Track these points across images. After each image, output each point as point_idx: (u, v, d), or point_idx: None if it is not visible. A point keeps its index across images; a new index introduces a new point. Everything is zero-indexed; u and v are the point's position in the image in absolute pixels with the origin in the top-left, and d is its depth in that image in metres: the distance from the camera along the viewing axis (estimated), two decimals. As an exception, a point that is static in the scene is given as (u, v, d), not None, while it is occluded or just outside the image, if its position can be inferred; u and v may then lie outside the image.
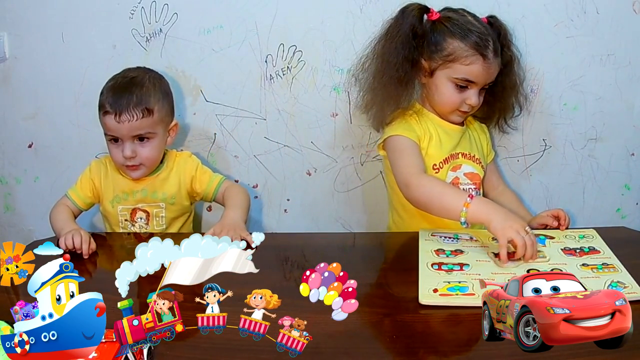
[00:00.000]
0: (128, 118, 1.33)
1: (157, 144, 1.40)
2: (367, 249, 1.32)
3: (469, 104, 1.33)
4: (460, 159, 1.39)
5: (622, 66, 1.52)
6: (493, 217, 1.12)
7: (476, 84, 1.32)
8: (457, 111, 1.36)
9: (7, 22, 1.61)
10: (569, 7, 1.48)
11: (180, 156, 1.49)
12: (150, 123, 1.36)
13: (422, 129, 1.36)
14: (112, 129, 1.36)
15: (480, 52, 1.29)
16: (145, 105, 1.35)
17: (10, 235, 1.77)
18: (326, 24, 1.52)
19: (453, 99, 1.33)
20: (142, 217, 1.45)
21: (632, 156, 1.58)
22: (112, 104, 1.34)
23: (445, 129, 1.39)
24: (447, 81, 1.32)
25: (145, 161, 1.39)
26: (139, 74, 1.41)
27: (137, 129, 1.35)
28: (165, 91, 1.44)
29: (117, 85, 1.38)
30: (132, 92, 1.36)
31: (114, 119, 1.34)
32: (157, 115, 1.37)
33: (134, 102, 1.34)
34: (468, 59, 1.29)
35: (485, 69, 1.30)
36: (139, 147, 1.38)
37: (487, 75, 1.32)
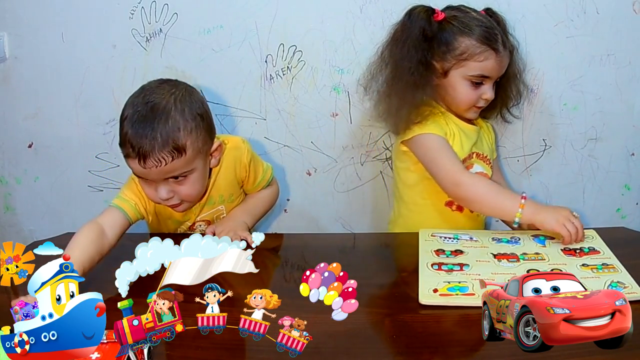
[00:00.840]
0: (155, 163, 1.11)
1: (198, 177, 1.19)
2: (367, 249, 1.32)
3: (485, 98, 1.33)
4: (474, 158, 1.40)
5: (622, 66, 1.52)
6: (544, 215, 1.18)
7: (490, 78, 1.32)
8: (473, 107, 1.36)
9: (7, 22, 1.61)
10: (569, 7, 1.48)
11: (231, 146, 1.29)
12: (183, 163, 1.14)
13: (448, 128, 1.36)
14: (139, 173, 1.15)
15: (492, 47, 1.29)
16: (173, 144, 1.11)
17: (10, 235, 1.77)
18: (326, 24, 1.52)
19: (470, 97, 1.33)
20: (202, 224, 1.32)
21: (632, 156, 1.59)
22: (133, 146, 1.10)
23: (464, 129, 1.38)
24: (462, 80, 1.32)
25: (186, 198, 1.19)
26: (162, 98, 1.15)
27: (169, 172, 1.13)
28: (198, 114, 1.17)
29: (137, 118, 1.12)
30: (155, 129, 1.10)
31: (138, 164, 1.12)
32: (191, 152, 1.14)
33: (159, 144, 1.10)
34: (481, 55, 1.29)
35: (498, 62, 1.31)
36: (176, 186, 1.17)
37: (500, 68, 1.33)
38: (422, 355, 0.87)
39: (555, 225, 1.17)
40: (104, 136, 1.66)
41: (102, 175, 1.69)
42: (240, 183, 1.34)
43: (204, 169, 1.21)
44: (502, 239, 1.20)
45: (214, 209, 1.32)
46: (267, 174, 1.37)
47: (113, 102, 1.63)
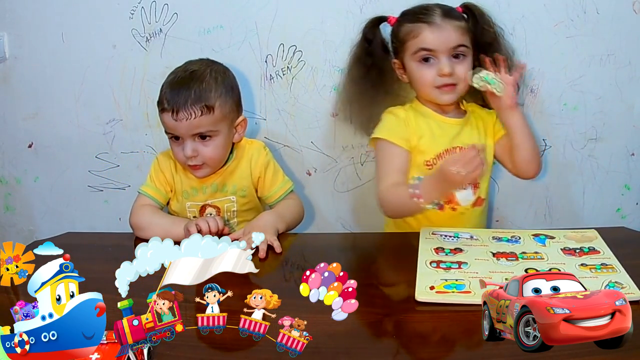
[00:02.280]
0: (186, 116, 1.25)
1: (222, 143, 1.30)
2: (367, 249, 1.32)
3: (443, 73, 1.31)
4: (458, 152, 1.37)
5: (622, 66, 1.52)
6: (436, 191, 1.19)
7: (436, 51, 1.31)
8: (436, 89, 1.33)
9: (7, 22, 1.61)
10: (569, 7, 1.48)
11: (251, 145, 1.39)
12: (211, 121, 1.27)
13: (413, 127, 1.36)
14: (170, 127, 1.28)
15: (423, 20, 1.32)
16: (205, 102, 1.26)
17: (10, 235, 1.77)
18: (326, 24, 1.52)
19: (424, 76, 1.33)
20: (212, 213, 1.37)
21: (632, 156, 1.59)
22: (169, 101, 1.26)
23: (441, 123, 1.37)
24: (411, 62, 1.34)
25: (208, 161, 1.30)
26: (200, 67, 1.32)
27: (197, 127, 1.26)
28: (229, 85, 1.33)
29: (176, 80, 1.29)
30: (190, 88, 1.26)
31: (171, 117, 1.26)
32: (219, 112, 1.28)
33: (192, 99, 1.25)
34: (414, 31, 1.32)
35: (434, 32, 1.30)
36: (201, 146, 1.28)
37: (442, 38, 1.30)
38: (422, 355, 0.87)
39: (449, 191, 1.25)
40: (104, 136, 1.66)
41: (102, 175, 1.69)
42: (255, 183, 1.39)
43: (227, 136, 1.32)
44: (502, 237, 1.20)
45: (225, 197, 1.36)
46: (286, 185, 1.41)
47: (113, 102, 1.63)
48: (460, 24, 1.33)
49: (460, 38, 1.31)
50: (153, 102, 1.62)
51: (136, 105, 1.63)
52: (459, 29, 1.32)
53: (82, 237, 1.44)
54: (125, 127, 1.65)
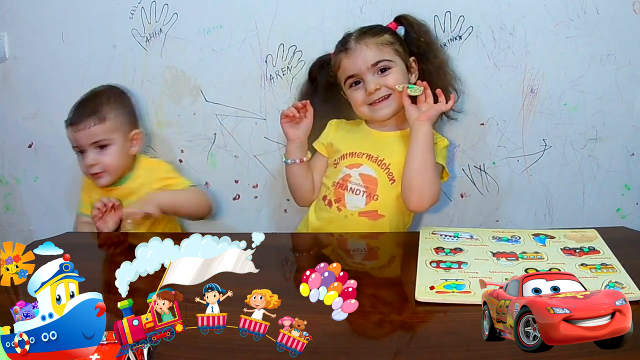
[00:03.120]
0: (83, 127, 1.45)
1: (117, 151, 1.48)
2: (367, 249, 1.32)
3: (369, 92, 1.37)
4: (364, 159, 1.41)
5: (622, 66, 1.51)
6: None
7: (359, 73, 1.38)
8: (370, 107, 1.40)
9: (7, 22, 1.61)
10: (569, 7, 1.48)
11: (149, 163, 1.57)
12: (104, 130, 1.46)
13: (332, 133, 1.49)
14: (74, 139, 1.48)
15: (341, 50, 1.40)
16: (97, 114, 1.46)
17: (10, 235, 1.77)
18: (326, 24, 1.52)
19: (355, 98, 1.41)
20: None
21: (632, 156, 1.58)
22: (72, 117, 1.48)
23: (364, 132, 1.46)
24: (347, 90, 1.42)
25: (107, 167, 1.48)
26: (100, 89, 1.54)
27: (93, 136, 1.46)
28: (123, 102, 1.54)
29: (79, 100, 1.50)
30: (87, 104, 1.48)
31: (72, 130, 1.47)
32: (111, 124, 1.47)
33: (87, 112, 1.46)
34: (337, 62, 1.42)
35: (350, 57, 1.38)
36: (100, 155, 1.47)
37: (357, 61, 1.37)
38: (422, 355, 0.87)
39: None
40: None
41: (102, 175, 1.69)
42: None
43: (122, 146, 1.50)
44: (502, 237, 1.20)
45: None
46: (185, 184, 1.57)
47: (113, 102, 1.63)
48: (378, 40, 1.38)
49: (377, 54, 1.37)
50: (153, 102, 1.63)
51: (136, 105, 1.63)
52: (378, 45, 1.38)
53: (82, 237, 1.44)
54: (125, 127, 1.65)
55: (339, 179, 1.41)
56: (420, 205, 1.35)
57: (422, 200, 1.34)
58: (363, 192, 1.39)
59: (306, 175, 1.48)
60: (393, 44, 1.39)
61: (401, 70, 1.39)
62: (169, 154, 1.66)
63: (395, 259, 1.29)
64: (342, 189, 1.41)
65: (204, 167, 1.67)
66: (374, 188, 1.39)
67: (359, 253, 1.30)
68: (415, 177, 1.33)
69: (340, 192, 1.41)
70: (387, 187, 1.39)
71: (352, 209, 1.40)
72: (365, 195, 1.39)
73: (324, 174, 1.48)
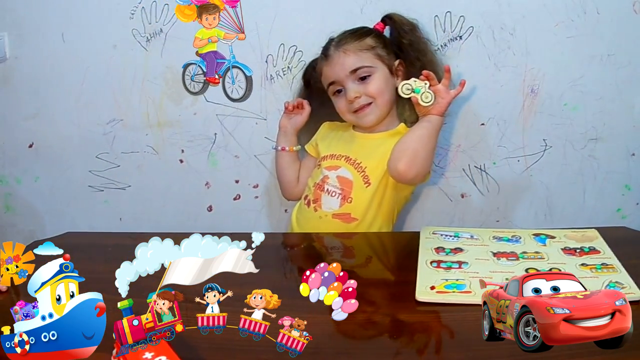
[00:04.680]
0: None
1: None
2: (368, 249, 1.32)
3: (349, 100, 1.37)
4: (342, 161, 1.42)
5: (622, 66, 1.51)
6: None
7: (339, 80, 1.38)
8: (353, 114, 1.40)
9: (7, 22, 1.61)
10: (569, 7, 1.48)
11: None
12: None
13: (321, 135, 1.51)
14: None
15: (322, 57, 1.42)
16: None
17: (10, 235, 1.77)
18: (327, 24, 1.52)
19: (339, 106, 1.41)
20: None
21: (632, 156, 1.58)
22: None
23: (346, 134, 1.46)
24: (331, 97, 1.43)
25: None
26: None
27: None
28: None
29: None
30: None
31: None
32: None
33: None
34: (319, 69, 1.43)
35: (329, 64, 1.39)
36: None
37: (336, 68, 1.38)
38: (422, 355, 0.87)
39: None
40: (104, 136, 1.66)
41: (102, 175, 1.70)
42: None
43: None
44: (502, 237, 1.20)
45: None
46: None
47: (113, 102, 1.63)
48: (358, 45, 1.38)
49: (357, 60, 1.37)
50: (153, 102, 1.63)
51: (136, 105, 1.63)
52: (357, 51, 1.37)
53: (82, 237, 1.44)
54: (125, 127, 1.65)
55: (319, 180, 1.43)
56: (409, 168, 1.30)
57: (413, 163, 1.30)
58: (338, 194, 1.39)
59: (290, 166, 1.51)
60: (374, 48, 1.38)
61: (383, 76, 1.38)
62: (169, 154, 1.66)
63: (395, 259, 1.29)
64: (320, 190, 1.42)
65: (205, 167, 1.67)
66: (349, 190, 1.39)
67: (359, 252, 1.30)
68: (414, 141, 1.31)
69: (318, 192, 1.42)
70: (361, 190, 1.38)
71: (327, 210, 1.40)
72: (340, 197, 1.39)
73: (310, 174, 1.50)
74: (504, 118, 1.56)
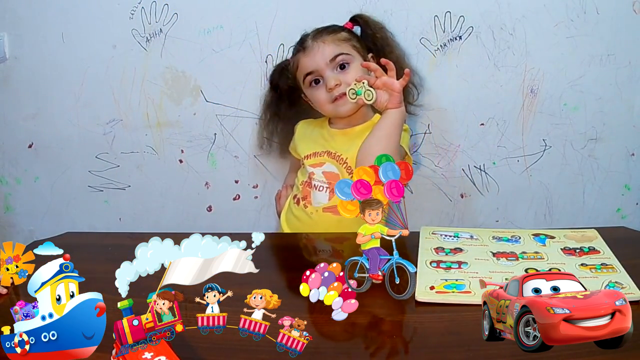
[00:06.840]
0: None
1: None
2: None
3: (329, 88, 1.37)
4: (325, 157, 1.43)
5: (622, 66, 1.52)
6: None
7: (317, 70, 1.39)
8: (332, 104, 1.40)
9: (7, 22, 1.61)
10: (569, 7, 1.48)
11: None
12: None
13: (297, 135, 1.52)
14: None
15: (298, 50, 1.42)
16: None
17: (10, 235, 1.77)
18: (326, 24, 1.52)
19: (318, 97, 1.41)
20: None
21: (632, 156, 1.59)
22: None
23: (324, 132, 1.47)
24: (307, 90, 1.43)
25: None
26: None
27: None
28: None
29: None
30: None
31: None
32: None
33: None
34: (295, 62, 1.43)
35: (308, 55, 1.40)
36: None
37: (316, 57, 1.39)
38: (422, 355, 0.87)
39: None
40: (104, 136, 1.66)
41: (102, 175, 1.70)
42: None
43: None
44: (502, 237, 1.20)
45: None
46: None
47: (113, 102, 1.63)
48: (336, 36, 1.40)
49: (336, 48, 1.39)
50: (153, 102, 1.63)
51: (136, 105, 1.63)
52: (335, 41, 1.40)
53: (82, 237, 1.44)
54: (125, 127, 1.65)
55: (306, 178, 1.44)
56: None
57: None
58: (326, 187, 1.41)
59: None
60: (350, 40, 1.41)
61: (360, 66, 1.39)
62: (168, 154, 1.66)
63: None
64: (308, 187, 1.44)
65: (204, 167, 1.67)
66: None
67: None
68: (374, 145, 1.28)
69: (307, 189, 1.44)
70: None
71: (317, 205, 1.42)
72: (328, 190, 1.41)
73: None
74: (503, 118, 1.56)
